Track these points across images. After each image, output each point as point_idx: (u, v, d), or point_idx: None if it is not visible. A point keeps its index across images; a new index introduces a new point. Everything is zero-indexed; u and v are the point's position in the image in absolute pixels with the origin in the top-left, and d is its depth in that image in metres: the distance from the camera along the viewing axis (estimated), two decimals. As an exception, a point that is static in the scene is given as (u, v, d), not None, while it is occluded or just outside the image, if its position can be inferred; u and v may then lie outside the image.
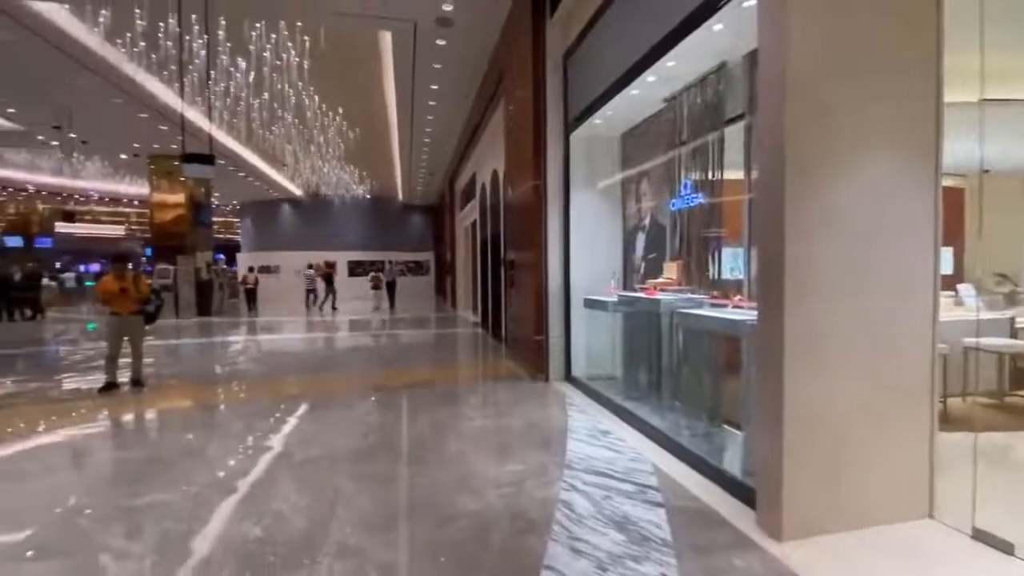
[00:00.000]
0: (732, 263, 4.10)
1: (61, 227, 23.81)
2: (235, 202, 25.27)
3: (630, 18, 4.40)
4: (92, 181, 21.54)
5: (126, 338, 6.02)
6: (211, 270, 16.00)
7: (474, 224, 13.19)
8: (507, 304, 8.39)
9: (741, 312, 3.42)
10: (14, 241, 27.20)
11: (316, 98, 10.91)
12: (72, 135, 13.06)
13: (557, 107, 6.02)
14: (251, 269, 19.30)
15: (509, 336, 8.21)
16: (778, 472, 2.48)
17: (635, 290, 5.21)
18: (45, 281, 17.06)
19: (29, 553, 2.53)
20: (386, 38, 8.20)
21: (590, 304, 5.67)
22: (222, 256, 27.45)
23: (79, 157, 16.42)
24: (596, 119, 5.36)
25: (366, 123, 12.72)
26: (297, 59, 8.82)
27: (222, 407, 5.59)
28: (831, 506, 2.53)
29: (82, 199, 26.09)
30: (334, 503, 3.00)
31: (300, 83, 9.88)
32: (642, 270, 5.53)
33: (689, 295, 4.30)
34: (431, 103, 10.45)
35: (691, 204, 4.43)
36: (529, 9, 6.04)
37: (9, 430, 4.55)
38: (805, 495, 2.48)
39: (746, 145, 3.79)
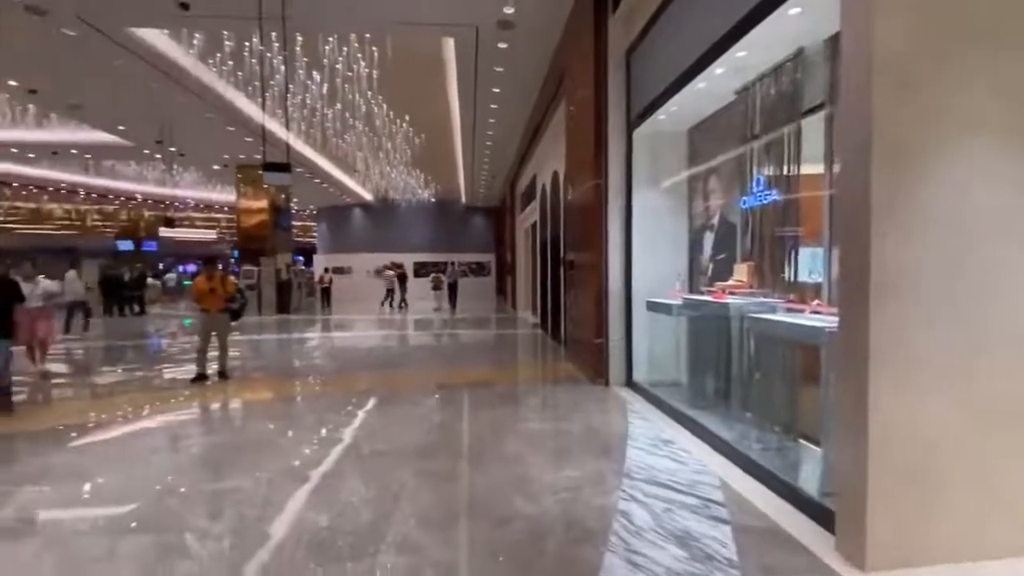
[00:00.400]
0: (810, 265, 3.82)
1: (164, 232, 26.43)
2: (312, 207, 26.86)
3: (697, 8, 4.21)
4: (188, 190, 23.81)
5: (214, 333, 6.58)
6: (290, 271, 17.25)
7: (534, 225, 13.21)
8: (567, 306, 8.32)
9: (820, 318, 3.18)
10: (125, 245, 30.57)
11: (384, 106, 11.35)
12: (172, 148, 14.48)
13: (619, 104, 5.88)
14: (326, 270, 20.46)
15: (568, 338, 8.13)
16: (862, 493, 2.26)
17: (702, 293, 4.99)
18: (150, 281, 19.04)
19: (133, 524, 2.83)
20: (449, 44, 8.39)
21: (653, 307, 5.49)
22: (300, 258, 29.35)
23: (178, 168, 18.16)
24: (660, 115, 5.18)
25: (431, 129, 13.09)
26: (366, 70, 9.25)
27: (299, 399, 5.96)
28: (924, 535, 2.28)
29: (180, 206, 28.94)
30: (398, 497, 3.11)
31: (369, 93, 10.34)
32: (710, 272, 5.28)
33: (762, 299, 4.05)
34: (493, 106, 10.58)
35: (764, 201, 4.17)
36: (591, 7, 5.95)
37: (119, 415, 5.12)
38: (893, 520, 2.25)
39: (827, 136, 3.53)
